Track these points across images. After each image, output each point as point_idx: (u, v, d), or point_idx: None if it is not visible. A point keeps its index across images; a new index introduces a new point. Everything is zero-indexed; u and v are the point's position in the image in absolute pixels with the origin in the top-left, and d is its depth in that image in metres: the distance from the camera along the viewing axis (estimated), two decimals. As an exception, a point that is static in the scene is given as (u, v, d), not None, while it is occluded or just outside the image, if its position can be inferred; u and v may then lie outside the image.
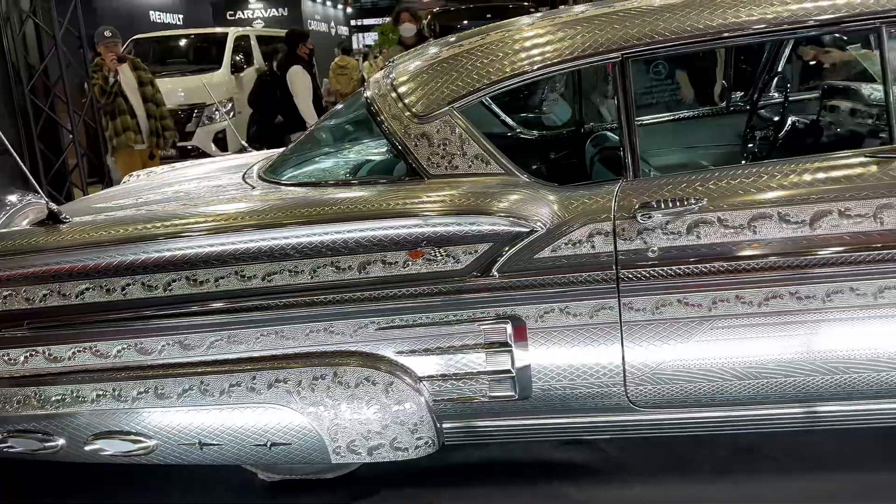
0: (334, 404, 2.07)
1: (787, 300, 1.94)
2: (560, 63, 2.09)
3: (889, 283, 1.90)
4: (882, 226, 1.89)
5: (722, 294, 1.96)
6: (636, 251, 1.98)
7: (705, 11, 2.05)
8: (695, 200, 1.96)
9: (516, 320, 2.04)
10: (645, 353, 2.02)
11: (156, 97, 5.60)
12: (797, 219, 1.92)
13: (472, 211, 1.99)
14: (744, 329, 1.97)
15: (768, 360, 1.99)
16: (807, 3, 2.01)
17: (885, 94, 2.00)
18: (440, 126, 2.12)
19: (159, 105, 5.62)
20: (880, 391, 2.01)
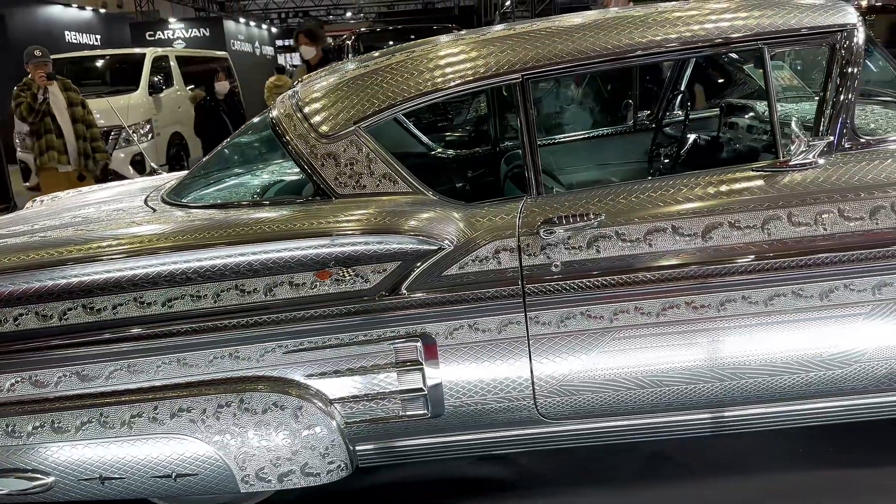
0: (241, 432, 2.02)
1: (683, 310, 2.02)
2: (462, 84, 2.12)
3: (779, 291, 2.00)
4: (769, 236, 1.99)
5: (622, 305, 2.02)
6: (540, 266, 2.02)
7: (602, 34, 2.13)
8: (594, 216, 2.02)
9: (426, 338, 2.04)
10: (552, 366, 2.06)
11: (86, 118, 5.47)
12: (690, 231, 2.00)
13: (380, 230, 1.99)
14: (644, 339, 2.04)
15: (669, 368, 2.06)
16: (694, 26, 2.12)
17: (769, 110, 2.12)
18: (347, 146, 2.12)
19: (90, 126, 5.49)
20: (778, 394, 2.10)
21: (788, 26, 2.08)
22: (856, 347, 2.02)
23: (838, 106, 2.06)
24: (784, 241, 1.98)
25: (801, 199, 1.99)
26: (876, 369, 2.05)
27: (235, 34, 19.97)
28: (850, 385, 2.08)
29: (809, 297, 1.99)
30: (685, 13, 2.17)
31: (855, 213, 1.97)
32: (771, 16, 2.11)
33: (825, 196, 1.98)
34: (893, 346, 2.02)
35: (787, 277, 1.98)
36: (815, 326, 2.01)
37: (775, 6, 2.17)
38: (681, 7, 2.21)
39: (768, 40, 2.10)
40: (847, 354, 2.03)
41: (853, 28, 2.09)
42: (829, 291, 1.98)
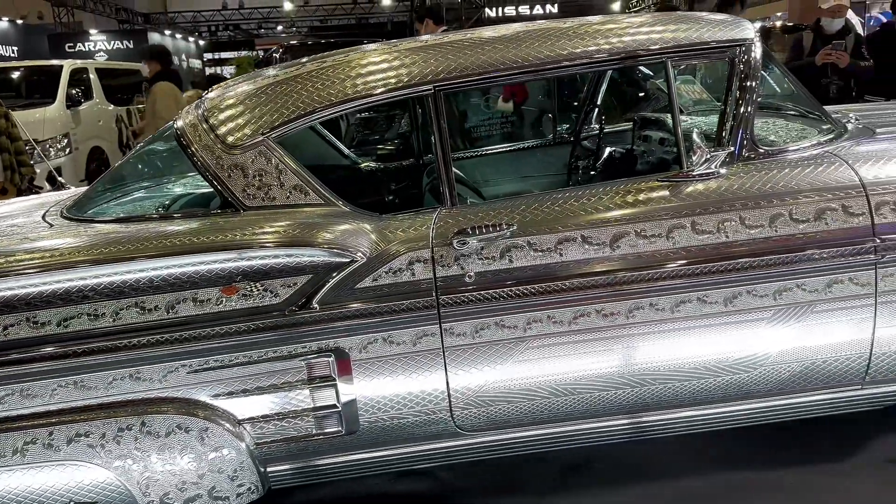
0: (144, 456, 1.93)
1: (594, 318, 2.04)
2: (372, 95, 2.11)
3: (684, 298, 2.05)
4: (674, 244, 2.04)
5: (535, 315, 2.03)
6: (454, 277, 2.01)
7: (514, 47, 2.15)
8: (506, 226, 2.03)
9: (339, 353, 2.00)
10: (468, 377, 2.05)
11: (10, 131, 5.21)
12: (598, 241, 2.03)
13: (290, 242, 1.94)
14: (557, 347, 2.05)
15: (582, 375, 2.08)
16: (600, 40, 2.16)
17: (672, 123, 2.18)
18: (255, 156, 2.07)
19: (14, 139, 5.25)
20: (690, 399, 2.15)
21: (690, 41, 2.15)
22: (760, 352, 2.09)
23: (738, 118, 2.14)
24: (688, 249, 2.03)
25: (704, 207, 2.04)
26: (779, 372, 2.12)
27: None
28: (756, 388, 2.14)
29: (714, 303, 2.04)
30: (596, 28, 2.21)
31: (755, 220, 2.04)
32: (674, 31, 2.17)
33: (727, 205, 2.05)
34: (795, 349, 2.09)
35: (692, 284, 2.03)
36: (720, 332, 2.07)
37: (681, 21, 2.24)
38: (593, 22, 2.26)
39: (672, 54, 2.16)
40: (752, 358, 2.09)
41: (751, 43, 2.17)
42: (733, 297, 2.04)
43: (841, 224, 2.03)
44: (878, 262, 2.03)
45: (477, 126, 4.75)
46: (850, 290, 2.05)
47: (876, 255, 2.03)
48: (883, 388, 2.19)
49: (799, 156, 2.15)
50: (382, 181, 3.19)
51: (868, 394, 2.20)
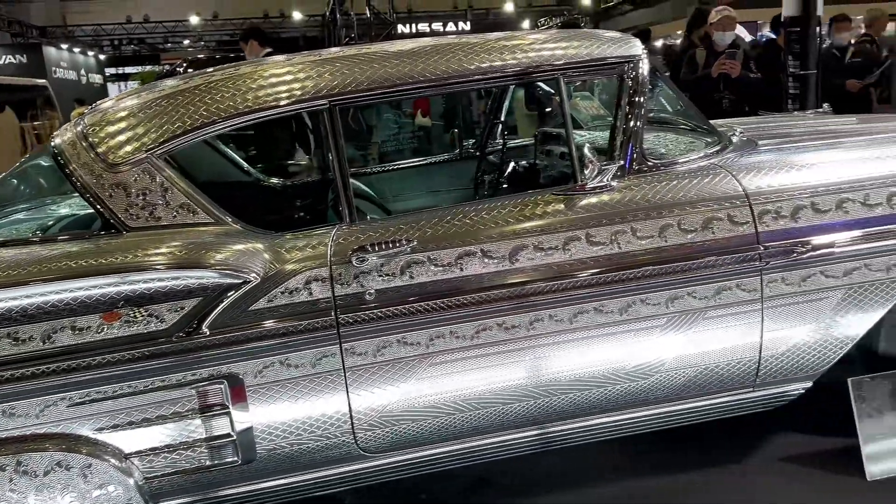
0: (20, 498, 1.78)
1: (495, 331, 2.04)
2: (262, 110, 2.04)
3: (582, 308, 2.08)
4: (571, 256, 2.07)
5: (438, 330, 2.01)
6: (354, 295, 1.97)
7: (412, 61, 2.13)
8: (406, 242, 2.00)
9: (233, 379, 1.91)
10: (370, 398, 2.01)
11: None
12: (498, 254, 2.04)
13: (176, 264, 1.85)
14: (460, 363, 2.04)
15: (486, 390, 2.07)
16: (496, 56, 2.17)
17: (566, 137, 2.21)
18: (138, 175, 1.96)
19: None
20: (593, 408, 2.17)
21: (580, 58, 2.20)
22: (656, 358, 2.14)
23: (628, 132, 2.20)
24: (584, 260, 2.06)
25: (598, 220, 2.08)
26: (676, 378, 2.18)
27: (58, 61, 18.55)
28: (655, 395, 2.20)
29: (610, 312, 2.08)
30: (493, 44, 2.23)
31: (646, 231, 2.09)
32: (565, 48, 2.22)
33: (619, 217, 2.09)
34: (688, 355, 2.15)
35: (589, 295, 2.07)
36: (617, 341, 2.10)
37: (574, 39, 2.29)
38: (490, 39, 2.28)
39: (563, 71, 2.20)
40: (648, 365, 2.14)
41: (638, 59, 2.24)
42: (628, 306, 2.09)
43: (727, 233, 2.11)
44: (763, 269, 2.13)
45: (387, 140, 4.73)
46: (738, 296, 2.13)
47: (760, 262, 2.12)
48: (773, 389, 2.29)
49: (687, 168, 2.23)
50: (282, 198, 3.11)
51: (760, 395, 2.29)
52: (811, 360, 2.24)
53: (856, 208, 2.17)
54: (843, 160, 2.29)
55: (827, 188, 2.17)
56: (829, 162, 2.27)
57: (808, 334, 2.20)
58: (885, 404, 2.24)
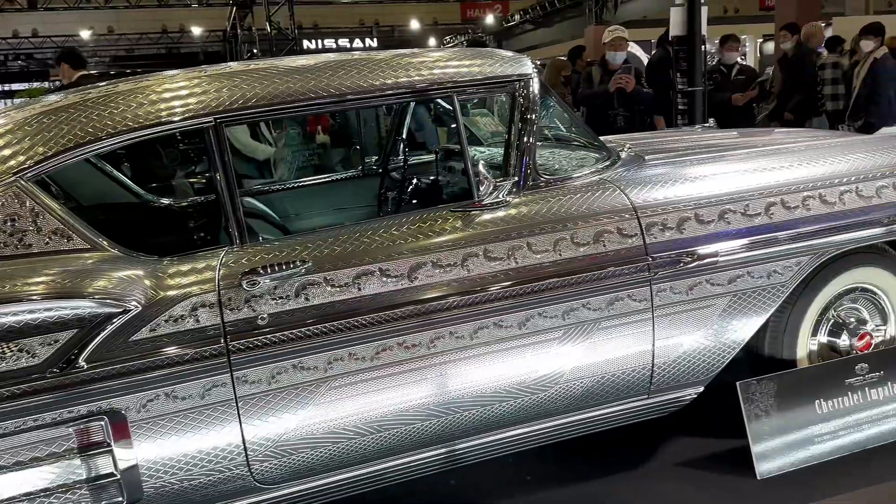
0: None
1: (396, 351, 2.01)
2: (144, 128, 1.94)
3: (482, 324, 2.08)
4: (469, 272, 2.07)
5: (336, 353, 1.96)
6: (245, 320, 1.89)
7: (302, 77, 2.09)
8: (301, 263, 1.95)
9: (115, 415, 1.80)
10: (266, 427, 1.93)
11: None
12: (396, 273, 2.01)
13: (48, 294, 1.73)
14: (360, 385, 1.99)
15: (388, 411, 2.04)
16: (389, 74, 2.16)
17: (462, 154, 2.22)
18: (5, 200, 1.82)
19: None
20: (497, 422, 2.17)
21: (472, 76, 2.22)
22: (554, 370, 2.17)
23: (521, 148, 2.23)
24: (482, 276, 2.06)
25: (494, 235, 2.10)
26: (574, 389, 2.21)
27: (-68, 76, 17.17)
28: (555, 406, 2.22)
29: (509, 326, 2.09)
30: (387, 61, 2.21)
31: (541, 246, 2.12)
32: (459, 66, 2.23)
33: (514, 232, 2.11)
34: (585, 365, 2.19)
35: (489, 310, 2.07)
36: (517, 354, 2.12)
37: (469, 57, 2.31)
38: (385, 56, 2.26)
39: (459, 88, 2.22)
40: (547, 378, 2.16)
41: (529, 78, 2.28)
42: (526, 320, 2.11)
43: (617, 245, 2.17)
44: (652, 279, 2.20)
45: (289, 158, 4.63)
46: (630, 306, 2.19)
47: (649, 272, 2.19)
48: (667, 395, 2.36)
49: (578, 183, 2.28)
50: (169, 220, 2.97)
51: (654, 402, 2.36)
52: (701, 366, 2.33)
53: (737, 219, 2.28)
54: (725, 173, 2.40)
55: (709, 200, 2.27)
56: (711, 175, 2.38)
57: (698, 341, 2.29)
58: (771, 405, 2.35)
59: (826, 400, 2.38)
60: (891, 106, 5.80)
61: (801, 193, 2.33)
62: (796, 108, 6.23)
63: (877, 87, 5.69)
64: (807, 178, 2.37)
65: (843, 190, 2.37)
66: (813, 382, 2.39)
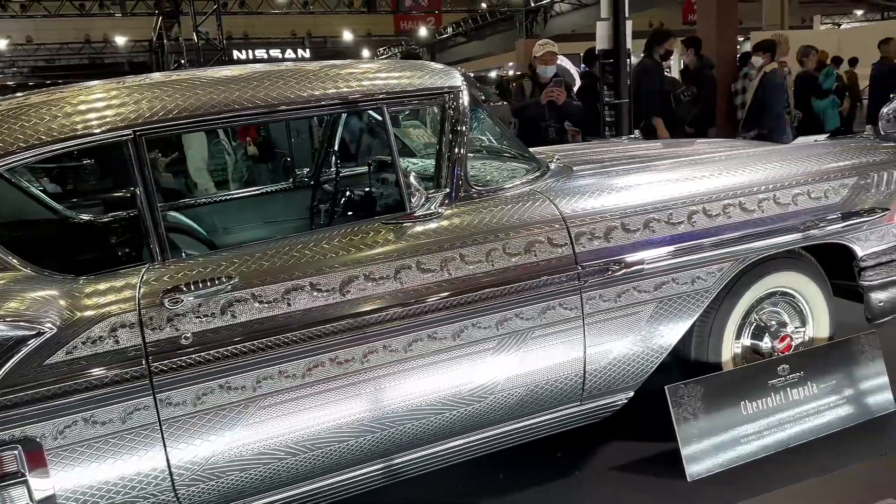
0: None
1: (329, 367, 1.97)
2: (58, 142, 1.85)
3: (416, 336, 2.06)
4: (403, 285, 2.05)
5: (265, 371, 1.91)
6: (168, 340, 1.82)
7: (227, 88, 2.03)
8: (227, 279, 1.89)
9: (29, 443, 1.70)
10: (193, 450, 1.86)
11: None
12: (328, 287, 1.98)
13: (-48, 319, 1.62)
14: (291, 403, 1.95)
15: (323, 428, 2.00)
16: (317, 85, 2.12)
17: (393, 166, 2.21)
18: None
19: None
20: (433, 435, 2.16)
21: (402, 87, 2.21)
22: (489, 381, 2.17)
23: (452, 160, 2.23)
24: (416, 289, 2.05)
25: (427, 247, 2.09)
26: (509, 399, 2.22)
27: None
28: (491, 417, 2.22)
29: (443, 338, 2.09)
30: (316, 72, 2.18)
31: (474, 256, 2.13)
32: (387, 78, 2.22)
33: (447, 243, 2.11)
34: (519, 375, 2.20)
35: (422, 322, 2.06)
36: (451, 366, 2.11)
37: (400, 69, 2.30)
38: (315, 67, 2.23)
39: (389, 100, 2.20)
40: (482, 388, 2.17)
41: (459, 90, 2.29)
42: (460, 331, 2.10)
43: (548, 255, 2.20)
44: (582, 288, 2.23)
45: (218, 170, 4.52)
46: (561, 314, 2.22)
47: (579, 281, 2.22)
48: (599, 401, 2.40)
49: (509, 194, 2.30)
50: (88, 237, 2.85)
51: (587, 408, 2.39)
52: (632, 371, 2.37)
53: (661, 227, 2.34)
54: (650, 183, 2.46)
55: (635, 209, 2.33)
56: (637, 185, 2.44)
57: (627, 346, 2.33)
58: (699, 408, 2.41)
59: (751, 401, 2.47)
60: (779, 118, 6.08)
61: (721, 202, 2.41)
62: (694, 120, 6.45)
63: (766, 100, 5.96)
64: (727, 186, 2.46)
65: (762, 198, 2.47)
66: (738, 384, 2.47)
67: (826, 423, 2.56)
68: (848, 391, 2.61)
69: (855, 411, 2.61)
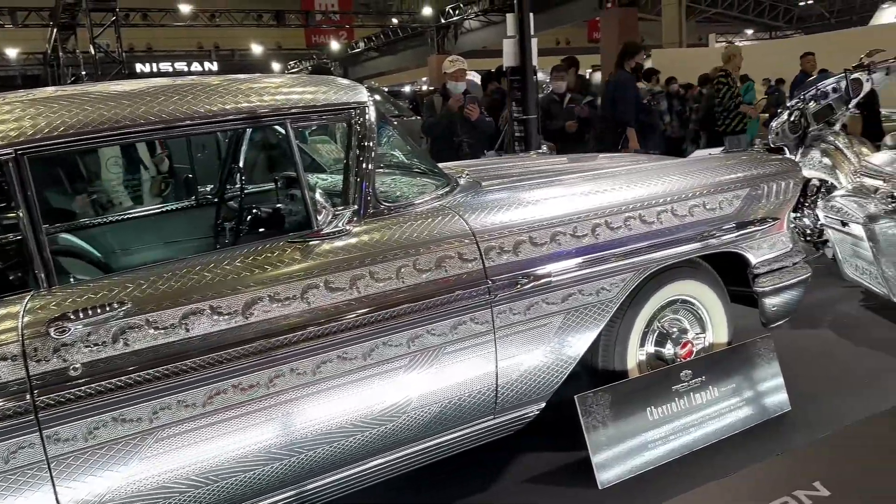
0: None
1: (231, 394, 1.89)
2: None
3: (325, 358, 2.01)
4: (310, 305, 2.00)
5: (162, 402, 1.81)
6: (55, 372, 1.70)
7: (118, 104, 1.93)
8: (118, 305, 1.79)
9: None
10: (85, 488, 1.74)
11: None
12: (230, 310, 1.90)
13: None
14: (192, 434, 1.85)
15: (226, 458, 1.91)
16: (215, 98, 2.05)
17: (298, 183, 2.16)
18: None
19: None
20: (347, 458, 2.11)
21: (306, 103, 2.17)
22: (402, 399, 2.14)
23: (360, 176, 2.20)
24: (324, 308, 2.00)
25: (336, 266, 2.05)
26: (423, 416, 2.19)
27: None
28: (405, 436, 2.19)
29: (354, 358, 2.04)
30: (217, 87, 2.10)
31: (384, 274, 2.10)
32: (289, 93, 2.17)
33: (356, 261, 2.08)
34: (432, 392, 2.18)
35: (332, 343, 2.01)
36: (363, 386, 2.07)
37: (304, 84, 2.25)
38: (215, 82, 2.15)
39: (293, 116, 2.15)
40: (395, 407, 2.13)
41: (365, 106, 2.26)
42: (371, 350, 2.07)
43: (458, 270, 2.20)
44: (493, 302, 2.24)
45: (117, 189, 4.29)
46: (473, 329, 2.22)
47: (489, 295, 2.23)
48: (512, 413, 2.41)
49: (419, 210, 2.29)
50: None
51: (500, 421, 2.40)
52: (543, 382, 2.40)
53: (567, 240, 2.39)
54: (555, 197, 2.51)
55: (542, 223, 2.37)
56: (543, 199, 2.48)
57: (538, 358, 2.36)
58: (607, 415, 2.47)
59: (656, 407, 2.55)
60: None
61: (623, 214, 2.49)
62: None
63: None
64: (628, 200, 2.54)
65: (660, 210, 2.56)
66: (643, 391, 2.54)
67: (728, 425, 2.66)
68: (747, 393, 2.74)
69: (754, 412, 2.73)
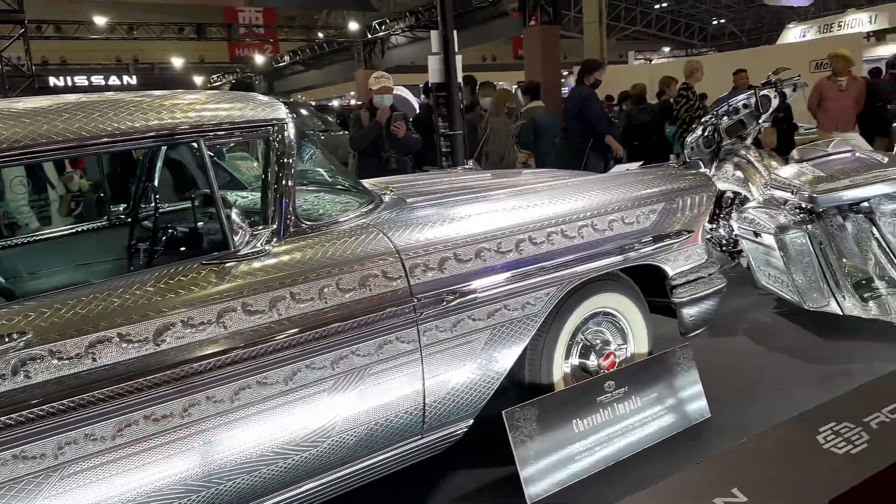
0: None
1: (142, 425, 1.80)
2: None
3: (244, 384, 1.94)
4: (226, 329, 1.92)
5: (68, 436, 1.71)
6: (-54, 410, 1.58)
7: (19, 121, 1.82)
8: (18, 335, 1.68)
9: None
10: (-20, 535, 1.61)
11: None
12: (140, 337, 1.81)
13: None
14: (101, 468, 1.75)
15: (137, 493, 1.81)
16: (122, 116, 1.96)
17: (213, 202, 2.08)
18: None
19: None
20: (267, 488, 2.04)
21: (221, 120, 2.11)
22: (326, 423, 2.09)
23: (279, 194, 2.15)
24: (242, 332, 1.94)
25: (254, 287, 1.99)
26: (348, 440, 2.15)
27: None
28: (330, 461, 2.14)
29: (274, 383, 1.98)
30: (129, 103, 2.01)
31: (305, 294, 2.05)
32: (201, 109, 2.10)
33: (277, 282, 2.02)
34: (358, 414, 2.14)
35: (251, 368, 1.94)
36: (285, 412, 2.01)
37: (220, 101, 2.19)
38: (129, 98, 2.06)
39: (207, 133, 2.08)
40: (319, 432, 2.08)
41: (283, 123, 2.22)
42: (293, 374, 2.01)
43: (383, 289, 2.17)
44: (418, 320, 2.22)
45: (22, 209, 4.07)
46: (399, 348, 2.19)
47: (415, 313, 2.21)
48: (440, 432, 2.39)
49: (341, 228, 2.25)
50: None
51: (428, 440, 2.37)
52: (471, 399, 2.39)
53: (492, 256, 2.40)
54: (479, 213, 2.52)
55: (466, 240, 2.37)
56: (468, 216, 2.48)
57: (465, 375, 2.35)
58: (534, 429, 2.48)
59: (581, 419, 2.58)
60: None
61: (545, 229, 2.52)
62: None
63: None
64: (550, 215, 2.57)
65: (581, 225, 2.61)
66: (569, 403, 2.56)
67: (651, 434, 2.72)
68: (668, 401, 2.81)
69: (676, 420, 2.80)
